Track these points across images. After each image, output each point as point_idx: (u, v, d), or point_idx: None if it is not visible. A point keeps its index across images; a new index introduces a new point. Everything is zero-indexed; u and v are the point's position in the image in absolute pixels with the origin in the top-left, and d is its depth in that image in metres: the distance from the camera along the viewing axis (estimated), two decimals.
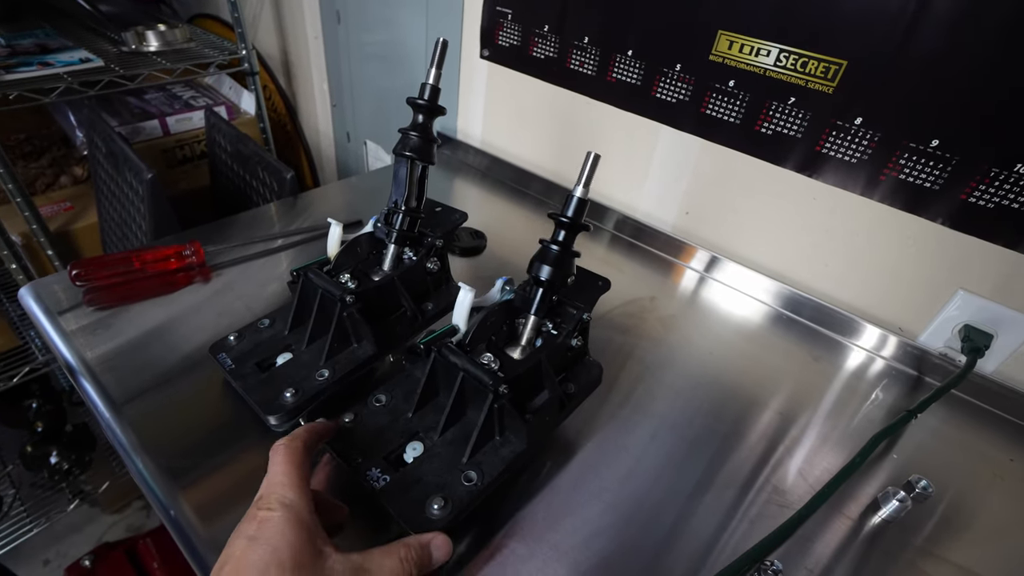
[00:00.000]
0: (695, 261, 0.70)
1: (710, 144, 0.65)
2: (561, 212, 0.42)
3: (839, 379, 0.56)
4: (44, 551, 1.31)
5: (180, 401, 0.46)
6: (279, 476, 0.30)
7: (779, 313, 0.64)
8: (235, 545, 0.27)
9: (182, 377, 0.48)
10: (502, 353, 0.42)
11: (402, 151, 0.47)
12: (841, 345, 0.61)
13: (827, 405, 0.53)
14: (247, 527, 0.28)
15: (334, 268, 0.48)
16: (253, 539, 0.27)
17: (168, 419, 0.44)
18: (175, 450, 0.42)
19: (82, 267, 0.55)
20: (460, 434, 0.40)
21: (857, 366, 0.58)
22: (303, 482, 0.30)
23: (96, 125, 0.89)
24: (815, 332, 0.62)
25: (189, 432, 0.43)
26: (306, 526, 0.28)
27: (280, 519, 0.27)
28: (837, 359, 0.59)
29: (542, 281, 0.42)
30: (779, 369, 0.57)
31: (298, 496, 0.29)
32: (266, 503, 0.28)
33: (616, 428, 0.47)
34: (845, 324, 0.61)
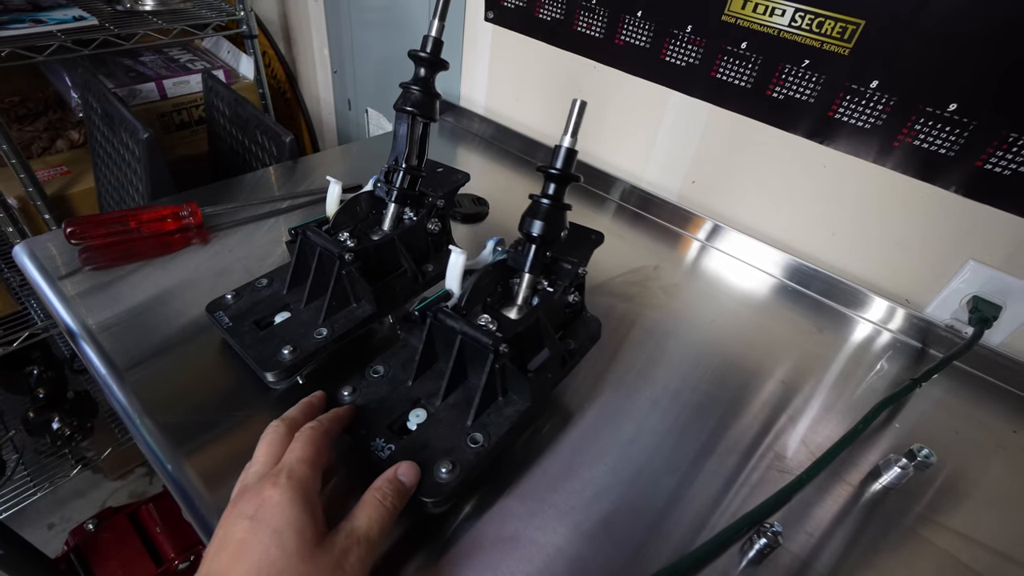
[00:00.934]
0: (700, 231, 0.69)
1: (719, 110, 0.64)
2: (549, 164, 0.41)
3: (843, 350, 0.56)
4: (48, 515, 1.33)
5: (181, 363, 0.45)
6: (296, 452, 0.30)
7: (784, 284, 0.63)
8: (236, 527, 0.26)
9: (182, 338, 0.47)
10: (499, 314, 0.41)
11: (403, 106, 0.46)
12: (846, 317, 0.60)
13: (830, 375, 0.52)
14: (247, 505, 0.27)
15: (333, 227, 0.47)
16: (254, 520, 0.26)
17: (169, 382, 0.44)
18: (177, 413, 0.41)
19: (77, 225, 0.54)
20: (462, 398, 0.40)
21: (862, 338, 0.58)
22: (317, 463, 0.30)
23: (91, 85, 0.87)
24: (820, 304, 0.61)
25: (190, 394, 0.43)
26: (311, 506, 0.27)
27: (286, 499, 0.27)
28: (842, 330, 0.58)
29: (534, 237, 0.41)
30: (783, 339, 0.56)
31: (310, 474, 0.29)
32: (278, 478, 0.28)
33: (618, 394, 0.47)
34: (850, 296, 0.60)
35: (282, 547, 0.25)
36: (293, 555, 0.25)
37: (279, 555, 0.25)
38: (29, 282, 0.55)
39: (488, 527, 0.36)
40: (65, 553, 1.00)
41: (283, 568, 0.25)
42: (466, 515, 0.37)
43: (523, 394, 0.39)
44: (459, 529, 0.36)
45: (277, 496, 0.27)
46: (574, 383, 0.47)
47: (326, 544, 0.27)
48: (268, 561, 0.25)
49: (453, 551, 0.35)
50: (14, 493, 1.17)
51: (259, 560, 0.25)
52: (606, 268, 0.62)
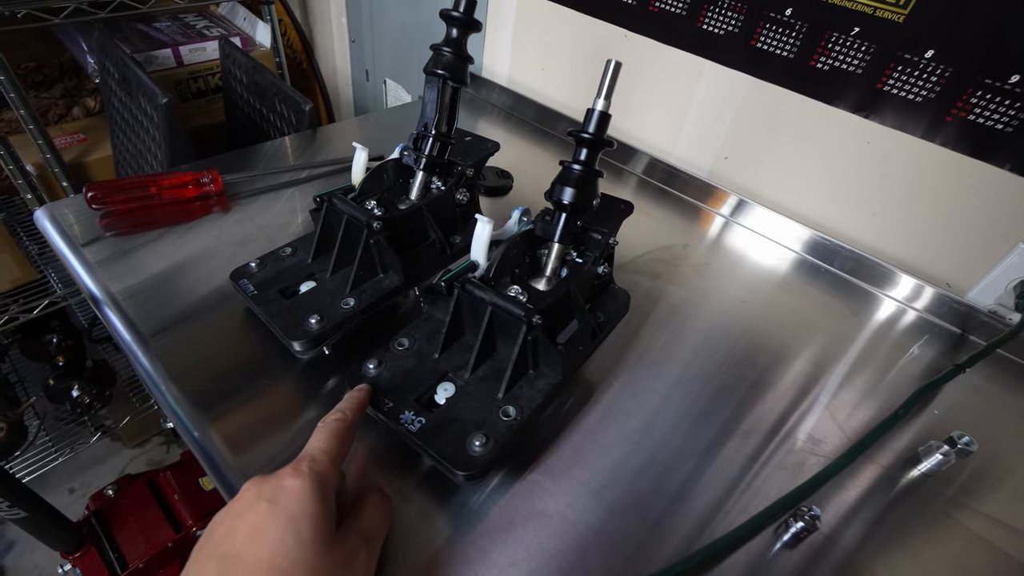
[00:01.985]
0: (731, 209, 0.67)
1: (758, 82, 0.61)
2: (582, 128, 0.39)
3: (876, 333, 0.54)
4: (69, 480, 1.36)
5: (205, 331, 0.45)
6: (320, 443, 0.29)
7: (818, 265, 0.61)
8: (254, 508, 0.26)
9: (205, 306, 0.47)
10: (527, 285, 0.40)
11: (434, 69, 0.44)
12: (880, 299, 0.58)
13: (863, 358, 0.51)
14: (267, 488, 0.26)
15: (359, 195, 0.45)
16: (273, 504, 0.25)
17: (194, 349, 0.43)
18: (202, 380, 0.41)
19: (98, 190, 0.53)
20: (491, 371, 0.39)
21: (897, 321, 0.56)
22: (339, 457, 0.30)
23: (108, 50, 0.86)
24: (854, 285, 0.59)
25: (215, 361, 0.42)
26: (327, 500, 0.27)
27: (306, 489, 0.26)
28: (875, 313, 0.56)
29: (565, 205, 0.39)
30: (814, 321, 0.54)
31: (331, 468, 0.28)
32: (300, 466, 0.27)
33: (643, 371, 0.46)
34: (887, 278, 0.58)
35: (298, 536, 0.25)
36: (308, 546, 0.25)
37: (294, 544, 0.24)
38: (51, 247, 0.54)
39: (518, 501, 0.36)
40: (86, 517, 1.02)
41: (296, 558, 0.24)
42: (494, 487, 0.36)
43: (554, 367, 0.38)
44: (487, 501, 0.36)
45: (298, 485, 0.26)
46: (601, 360, 0.46)
47: (338, 540, 0.27)
48: (283, 549, 0.24)
49: (483, 525, 0.34)
50: (37, 458, 1.19)
51: (273, 547, 0.24)
52: (633, 245, 0.60)
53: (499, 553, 0.33)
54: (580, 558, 0.33)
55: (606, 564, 0.33)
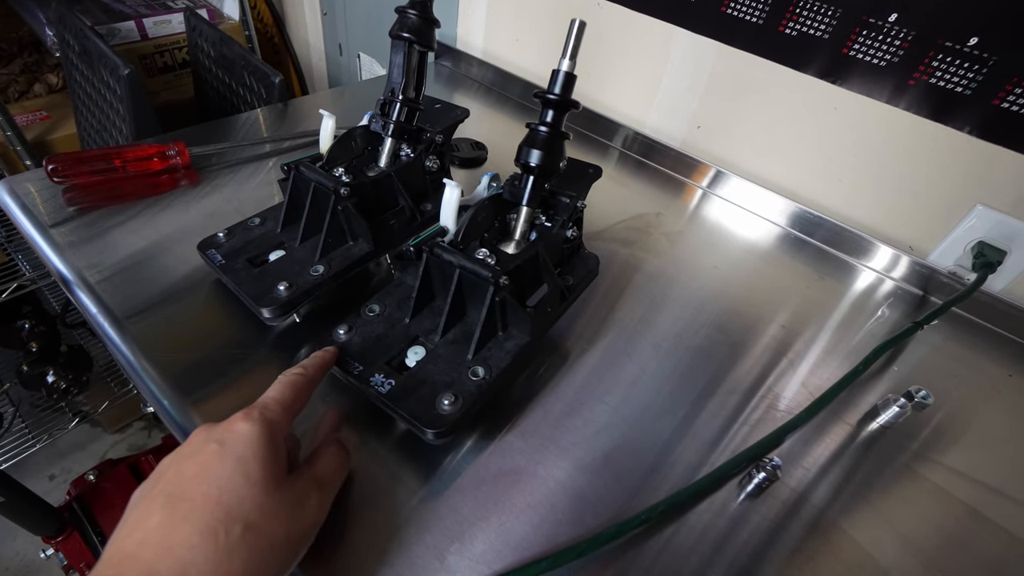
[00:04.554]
0: (704, 178, 0.68)
1: (728, 49, 0.61)
2: (547, 89, 0.39)
3: (844, 297, 0.55)
4: (49, 467, 1.34)
5: (178, 307, 0.44)
6: (274, 393, 0.30)
7: (787, 232, 0.62)
8: (204, 448, 0.26)
9: (177, 282, 0.46)
10: (497, 249, 0.40)
11: (399, 32, 0.43)
12: (848, 264, 0.59)
13: (831, 321, 0.52)
14: (220, 430, 0.27)
15: (327, 162, 0.45)
16: (222, 444, 0.26)
17: (169, 328, 0.42)
18: (180, 361, 0.40)
19: (58, 162, 0.52)
20: (461, 334, 0.39)
21: (863, 285, 0.57)
22: (293, 408, 0.30)
23: (67, 21, 0.82)
24: (822, 251, 0.61)
25: (191, 340, 0.42)
26: (277, 446, 0.27)
27: (256, 432, 0.26)
28: (843, 278, 0.58)
29: (532, 167, 0.40)
30: (785, 286, 0.56)
31: (283, 416, 0.29)
32: (251, 412, 0.28)
33: (619, 337, 0.46)
34: (853, 243, 0.59)
35: (246, 476, 0.25)
36: (256, 485, 0.25)
37: (242, 483, 0.25)
38: (16, 226, 0.53)
39: (490, 460, 0.37)
40: (68, 502, 1.02)
41: (244, 496, 0.25)
42: (468, 449, 0.37)
43: (523, 328, 0.39)
44: (461, 463, 0.36)
45: (247, 428, 0.26)
46: (575, 327, 0.46)
47: (288, 482, 0.27)
48: (230, 487, 0.24)
49: (456, 483, 0.35)
50: (13, 445, 1.18)
51: (220, 485, 0.24)
52: (607, 215, 0.60)
53: (469, 509, 0.34)
54: (549, 511, 0.34)
55: (574, 516, 0.34)
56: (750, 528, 0.35)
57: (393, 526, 0.33)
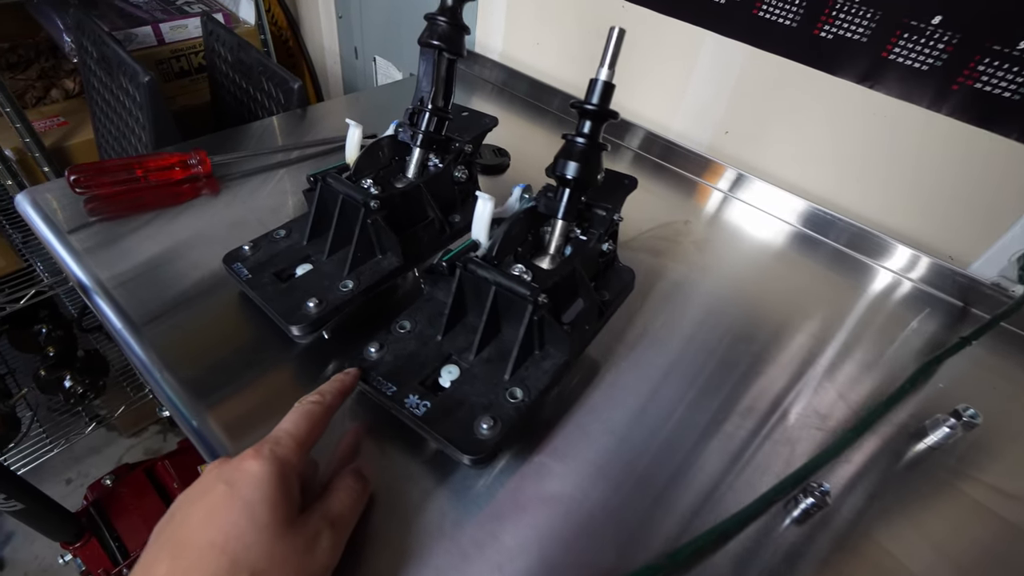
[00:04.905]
0: (730, 184, 0.66)
1: (760, 53, 0.59)
2: (585, 99, 0.37)
3: (878, 306, 0.54)
4: (66, 471, 1.35)
5: (199, 317, 0.43)
6: (288, 425, 0.29)
7: (818, 239, 0.61)
8: (212, 491, 0.25)
9: (198, 291, 0.45)
10: (531, 264, 0.39)
11: (428, 40, 0.42)
12: (883, 273, 0.57)
13: (865, 331, 0.50)
14: (230, 469, 0.26)
15: (354, 173, 0.44)
16: (231, 485, 0.25)
17: (188, 336, 0.42)
18: (197, 367, 0.40)
19: (81, 173, 0.51)
20: (496, 352, 0.38)
21: (898, 294, 0.55)
22: (309, 440, 0.29)
23: (85, 27, 0.82)
24: (854, 259, 0.59)
25: (210, 348, 0.41)
26: (287, 484, 0.26)
27: (265, 473, 0.25)
28: (878, 287, 0.56)
29: (568, 180, 0.38)
30: (816, 296, 0.54)
31: (296, 452, 0.28)
32: (262, 449, 0.27)
33: (646, 348, 0.45)
34: (889, 251, 0.57)
35: (253, 520, 0.24)
36: (263, 530, 0.24)
37: (248, 528, 0.24)
38: (35, 233, 0.52)
39: (525, 484, 0.35)
40: (85, 507, 1.02)
41: (251, 543, 0.24)
42: (500, 470, 0.36)
43: (560, 347, 0.37)
44: (494, 484, 0.35)
45: (257, 467, 0.26)
46: (606, 340, 0.45)
47: (298, 524, 0.26)
48: (236, 534, 0.24)
49: (490, 508, 0.34)
50: (31, 449, 1.18)
51: (227, 532, 0.24)
52: (633, 222, 0.59)
53: (510, 536, 0.33)
54: (591, 540, 0.33)
55: (618, 546, 0.33)
56: (796, 555, 0.34)
57: (425, 548, 0.31)
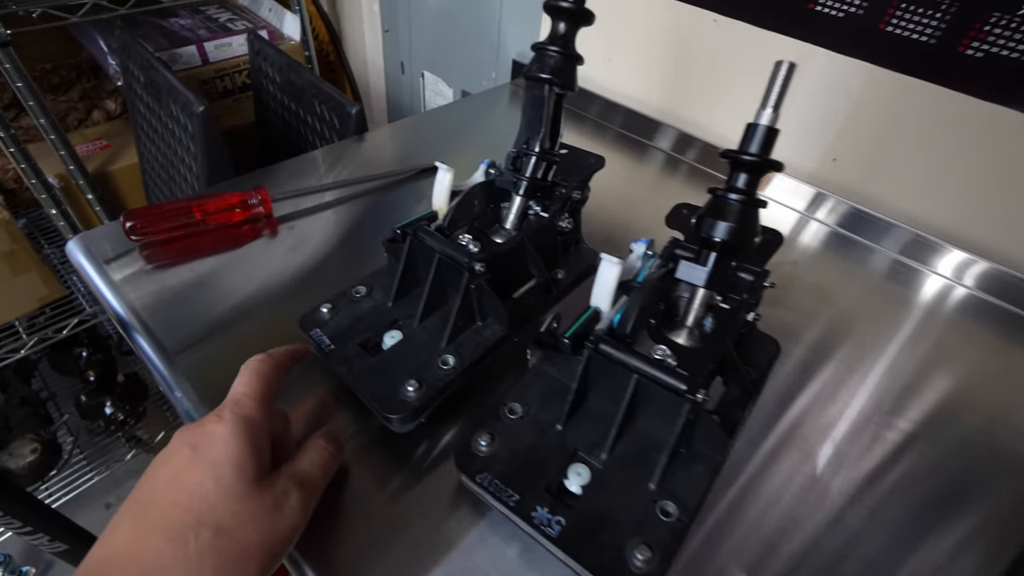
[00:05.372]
0: (842, 218, 0.59)
1: (883, 72, 0.52)
2: (740, 148, 0.31)
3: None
4: (105, 495, 1.32)
5: None
6: (242, 386, 0.29)
7: (968, 291, 0.52)
8: (177, 455, 0.25)
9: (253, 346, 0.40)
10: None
11: (538, 73, 0.36)
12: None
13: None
14: (194, 433, 0.26)
15: (448, 226, 0.38)
16: (195, 449, 0.25)
17: None
18: None
19: (137, 219, 0.47)
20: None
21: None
22: (266, 396, 0.29)
23: (131, 50, 0.79)
24: (1014, 315, 0.50)
25: None
26: (254, 441, 0.26)
27: (228, 433, 0.26)
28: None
29: (717, 243, 0.32)
30: (976, 362, 0.46)
31: (256, 409, 0.27)
32: (222, 412, 0.27)
33: None
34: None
35: (218, 481, 0.24)
36: (228, 490, 0.24)
37: (213, 488, 0.24)
38: (86, 283, 0.48)
39: None
40: None
41: (216, 502, 0.24)
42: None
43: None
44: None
45: (220, 429, 0.26)
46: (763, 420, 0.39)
47: (265, 483, 0.26)
48: (200, 494, 0.24)
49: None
50: (72, 477, 1.16)
51: (191, 492, 0.24)
52: None
53: None
54: None
55: None
56: None
57: None
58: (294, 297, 0.46)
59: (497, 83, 0.89)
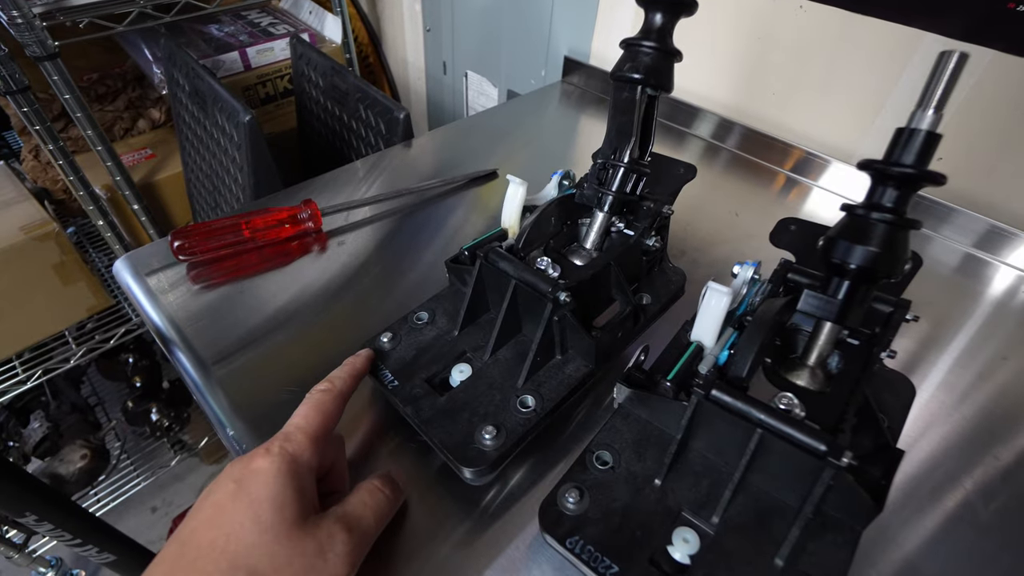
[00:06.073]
0: (940, 224, 0.52)
1: (1007, 59, 0.45)
2: (888, 157, 0.26)
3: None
4: (151, 499, 1.34)
5: None
6: (298, 419, 0.27)
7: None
8: (221, 489, 0.24)
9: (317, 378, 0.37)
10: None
11: (630, 73, 0.31)
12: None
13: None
14: (237, 469, 0.25)
15: (523, 247, 0.34)
16: (239, 483, 0.24)
17: None
18: None
19: (185, 238, 0.44)
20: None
21: None
22: (321, 432, 0.27)
23: (176, 58, 0.77)
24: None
25: None
26: (298, 481, 0.25)
27: (273, 470, 0.24)
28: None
29: (850, 270, 0.27)
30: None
31: (306, 446, 0.26)
32: (271, 445, 0.25)
33: None
34: None
35: (257, 521, 0.23)
36: (267, 531, 0.23)
37: (252, 528, 0.23)
38: (132, 303, 0.46)
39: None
40: None
41: (253, 543, 0.23)
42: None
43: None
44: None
45: (265, 465, 0.24)
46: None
47: (309, 525, 0.24)
48: (239, 534, 0.23)
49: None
50: (119, 483, 1.17)
51: (229, 532, 0.23)
52: None
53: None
54: None
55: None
56: None
57: None
58: (345, 318, 0.42)
59: (547, 82, 0.85)
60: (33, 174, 1.02)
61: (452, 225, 0.52)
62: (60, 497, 0.72)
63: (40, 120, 0.71)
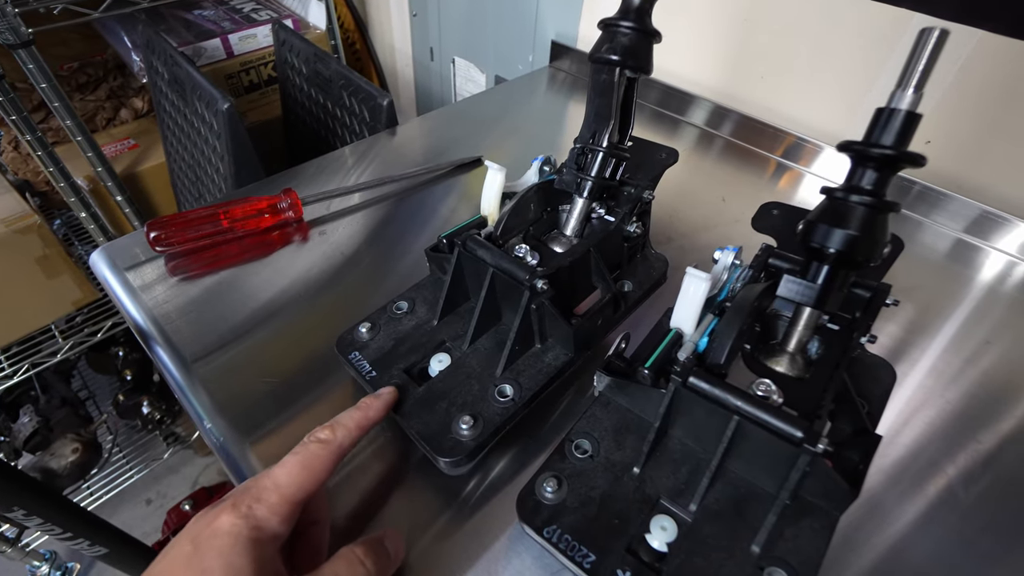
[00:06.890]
0: (931, 209, 0.52)
1: (995, 40, 0.45)
2: (867, 138, 0.26)
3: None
4: (145, 491, 1.34)
5: (310, 418, 0.34)
6: (280, 474, 0.24)
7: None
8: (179, 550, 0.22)
9: (309, 382, 0.36)
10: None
11: (607, 54, 0.31)
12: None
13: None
14: (202, 524, 0.22)
15: (501, 234, 0.33)
16: (196, 547, 0.22)
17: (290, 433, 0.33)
18: None
19: (161, 228, 0.43)
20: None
21: None
22: (301, 497, 0.24)
23: (154, 45, 0.76)
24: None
25: None
26: (259, 552, 0.22)
27: (233, 536, 0.22)
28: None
29: (830, 254, 0.26)
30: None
31: (278, 512, 0.23)
32: (239, 504, 0.23)
33: None
34: None
35: None
36: None
37: None
38: (109, 295, 0.45)
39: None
40: (166, 537, 0.99)
41: None
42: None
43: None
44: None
45: (226, 530, 0.22)
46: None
47: None
48: None
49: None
50: (112, 476, 1.17)
51: None
52: None
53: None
54: None
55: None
56: None
57: None
58: (328, 310, 0.42)
59: (535, 67, 0.83)
60: (13, 166, 1.00)
61: (436, 213, 0.51)
62: (48, 491, 0.72)
63: (16, 110, 0.70)
